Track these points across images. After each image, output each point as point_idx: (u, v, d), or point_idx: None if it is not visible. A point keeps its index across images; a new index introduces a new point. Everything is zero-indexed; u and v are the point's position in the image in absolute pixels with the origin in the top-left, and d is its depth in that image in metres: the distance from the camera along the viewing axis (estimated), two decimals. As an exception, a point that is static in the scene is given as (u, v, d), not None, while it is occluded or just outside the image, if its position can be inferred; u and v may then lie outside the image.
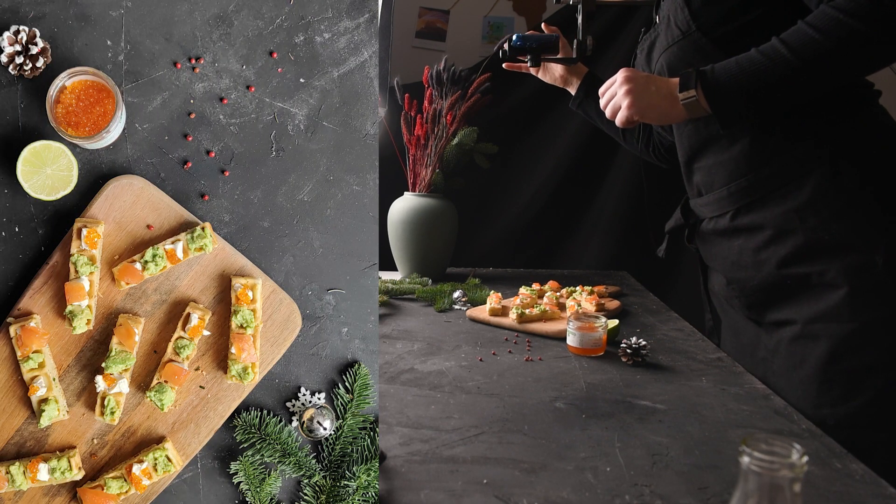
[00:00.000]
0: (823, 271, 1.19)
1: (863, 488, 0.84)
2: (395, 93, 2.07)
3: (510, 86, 2.48)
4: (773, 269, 1.26)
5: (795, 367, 1.22)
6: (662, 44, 1.35)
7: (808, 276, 1.21)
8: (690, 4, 1.26)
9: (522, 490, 0.83)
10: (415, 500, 0.81)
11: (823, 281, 1.19)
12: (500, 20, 2.60)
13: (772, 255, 1.25)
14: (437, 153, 2.01)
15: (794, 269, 1.23)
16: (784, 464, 0.54)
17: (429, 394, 1.14)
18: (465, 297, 1.79)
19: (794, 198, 1.21)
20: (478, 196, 2.52)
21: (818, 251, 1.20)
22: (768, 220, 1.25)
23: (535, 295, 1.73)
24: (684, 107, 1.20)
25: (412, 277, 1.97)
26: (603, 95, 1.33)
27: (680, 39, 1.29)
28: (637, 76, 1.26)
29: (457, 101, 2.00)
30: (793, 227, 1.22)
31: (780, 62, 1.11)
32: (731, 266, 1.35)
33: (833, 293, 1.18)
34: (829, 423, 1.14)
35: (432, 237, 2.01)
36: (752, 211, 1.28)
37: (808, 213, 1.20)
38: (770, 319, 1.31)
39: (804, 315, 1.22)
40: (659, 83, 1.25)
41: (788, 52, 1.10)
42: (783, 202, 1.23)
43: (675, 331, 1.56)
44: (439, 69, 2.02)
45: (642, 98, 1.24)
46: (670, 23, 1.31)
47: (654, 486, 0.84)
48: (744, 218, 1.29)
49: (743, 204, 1.29)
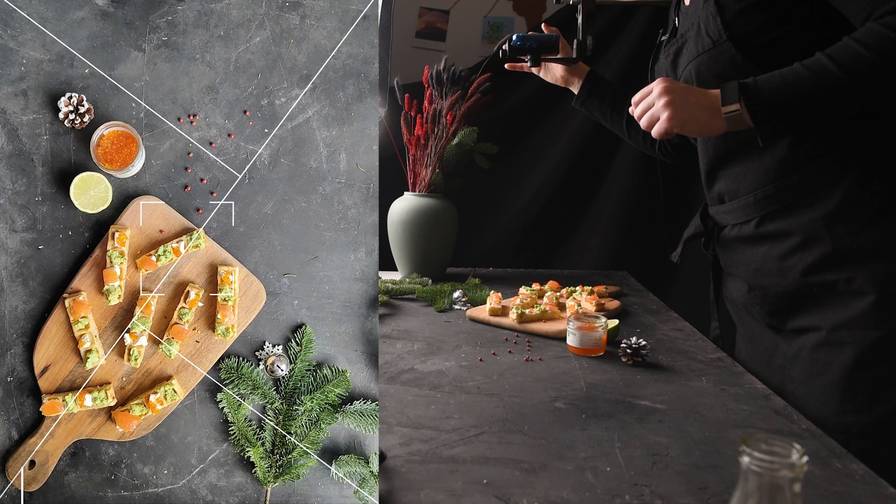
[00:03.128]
0: (850, 279, 1.17)
1: (863, 488, 0.84)
2: (395, 93, 2.06)
3: (510, 86, 2.47)
4: (799, 276, 1.23)
5: (818, 374, 1.20)
6: (691, 51, 1.32)
7: (834, 283, 1.19)
8: (724, 13, 1.23)
9: (522, 490, 0.83)
10: (415, 500, 0.81)
11: (850, 288, 1.17)
12: (500, 20, 2.60)
13: (798, 263, 1.23)
14: (437, 153, 2.01)
15: (820, 277, 1.21)
16: (784, 464, 0.54)
17: (429, 394, 1.14)
18: (465, 297, 1.78)
19: (823, 205, 1.19)
20: (478, 196, 2.50)
21: (846, 259, 1.17)
22: (795, 227, 1.23)
23: (535, 295, 1.72)
24: (726, 120, 1.16)
25: (412, 277, 1.96)
26: (637, 105, 1.28)
27: (710, 48, 1.25)
28: (676, 87, 1.21)
29: (457, 101, 1.99)
30: (820, 235, 1.19)
31: (826, 77, 1.08)
32: (754, 273, 1.33)
33: (860, 300, 1.16)
34: (853, 430, 1.13)
35: (432, 237, 2.00)
36: (777, 218, 1.26)
37: (837, 220, 1.18)
38: (791, 327, 1.28)
39: (829, 322, 1.20)
40: (698, 95, 1.20)
41: (836, 67, 1.07)
42: (811, 210, 1.20)
43: (675, 331, 1.56)
44: (439, 69, 2.01)
45: (683, 110, 1.19)
46: (700, 31, 1.28)
47: (654, 486, 0.84)
48: (769, 225, 1.27)
49: (769, 211, 1.26)
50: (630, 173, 2.50)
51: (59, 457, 0.94)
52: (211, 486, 0.97)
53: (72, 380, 0.95)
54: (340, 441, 0.99)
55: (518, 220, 2.59)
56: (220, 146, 0.97)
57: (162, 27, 0.95)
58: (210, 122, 0.97)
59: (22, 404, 0.94)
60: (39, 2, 0.93)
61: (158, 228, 0.95)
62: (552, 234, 2.59)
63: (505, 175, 2.52)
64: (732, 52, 1.22)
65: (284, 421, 0.97)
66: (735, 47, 1.22)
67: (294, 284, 0.99)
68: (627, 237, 2.52)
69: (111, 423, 0.95)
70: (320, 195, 0.98)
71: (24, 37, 0.93)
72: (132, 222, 0.95)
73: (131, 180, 0.96)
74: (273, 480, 0.96)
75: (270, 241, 0.98)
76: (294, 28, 0.98)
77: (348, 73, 0.98)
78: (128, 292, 0.95)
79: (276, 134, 0.98)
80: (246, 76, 0.97)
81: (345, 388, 0.98)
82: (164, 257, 0.93)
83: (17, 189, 0.93)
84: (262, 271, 0.98)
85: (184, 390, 0.96)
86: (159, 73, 0.96)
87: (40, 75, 0.93)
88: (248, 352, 0.98)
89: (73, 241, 0.95)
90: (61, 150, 0.94)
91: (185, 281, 0.96)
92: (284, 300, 0.98)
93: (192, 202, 0.97)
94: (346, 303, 0.99)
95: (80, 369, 0.94)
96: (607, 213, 2.55)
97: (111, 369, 0.95)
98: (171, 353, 0.94)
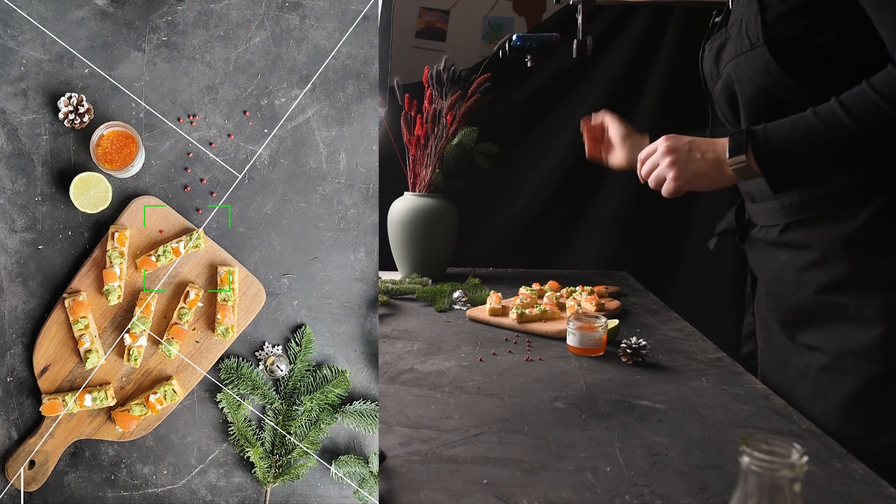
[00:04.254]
0: (862, 306, 1.13)
1: (863, 488, 0.84)
2: (395, 93, 2.06)
3: (510, 86, 2.47)
4: (812, 292, 1.20)
5: (820, 397, 1.18)
6: (731, 51, 1.26)
7: (845, 307, 1.15)
8: (766, 13, 1.16)
9: (522, 490, 0.83)
10: (415, 500, 0.81)
11: (861, 316, 1.13)
12: (500, 20, 2.60)
13: (813, 279, 1.20)
14: (437, 153, 2.00)
15: (832, 297, 1.17)
16: (784, 464, 0.54)
17: (429, 394, 1.14)
18: (465, 297, 1.78)
19: (847, 225, 1.15)
20: (478, 196, 2.50)
21: (860, 284, 1.14)
22: (816, 241, 1.19)
23: (535, 295, 1.72)
24: (734, 171, 1.14)
25: (412, 277, 1.96)
26: (643, 164, 1.27)
27: (748, 51, 1.20)
28: (679, 144, 1.19)
29: (457, 101, 1.99)
30: (839, 255, 1.16)
31: (838, 128, 1.05)
32: (773, 279, 1.31)
33: (868, 331, 1.12)
34: None
35: (432, 237, 2.00)
36: (801, 228, 1.22)
37: (858, 243, 1.14)
38: (801, 341, 1.25)
39: (835, 347, 1.17)
40: (704, 148, 1.18)
41: (848, 118, 1.04)
42: (834, 227, 1.16)
43: (675, 331, 1.56)
44: (439, 69, 2.01)
45: (688, 168, 1.18)
46: (742, 28, 1.22)
47: (654, 486, 0.84)
48: (793, 234, 1.24)
49: (794, 220, 1.23)
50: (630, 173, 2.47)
51: (59, 457, 0.94)
52: (210, 486, 0.97)
53: (71, 380, 0.94)
54: (340, 441, 0.98)
55: (518, 220, 2.59)
56: (219, 146, 0.97)
57: (162, 27, 0.95)
58: (210, 122, 0.96)
59: (22, 404, 0.94)
60: (39, 2, 0.93)
61: (158, 228, 0.95)
62: (552, 234, 2.59)
63: (505, 175, 2.52)
64: (767, 58, 1.16)
65: (284, 421, 0.97)
66: (770, 52, 1.16)
67: (294, 285, 0.98)
68: (627, 237, 2.52)
69: (111, 424, 0.94)
70: (320, 195, 0.98)
71: (23, 37, 0.92)
72: (132, 222, 0.94)
73: (131, 180, 0.95)
74: (273, 481, 0.96)
75: (270, 242, 0.98)
76: (294, 28, 0.97)
77: (348, 74, 0.98)
78: (127, 293, 0.95)
79: (275, 134, 0.97)
80: (246, 76, 0.97)
81: (344, 389, 0.98)
82: (163, 257, 0.93)
83: (17, 189, 0.93)
84: (262, 271, 0.98)
85: (183, 390, 0.96)
86: (159, 73, 0.95)
87: (40, 75, 0.93)
88: (247, 352, 0.98)
89: (72, 242, 0.94)
90: (61, 150, 0.94)
91: (185, 281, 0.96)
92: (284, 300, 0.98)
93: (192, 202, 0.96)
94: (346, 303, 0.99)
95: (80, 369, 0.94)
96: (607, 213, 2.55)
97: (111, 369, 0.95)
98: (171, 354, 0.94)
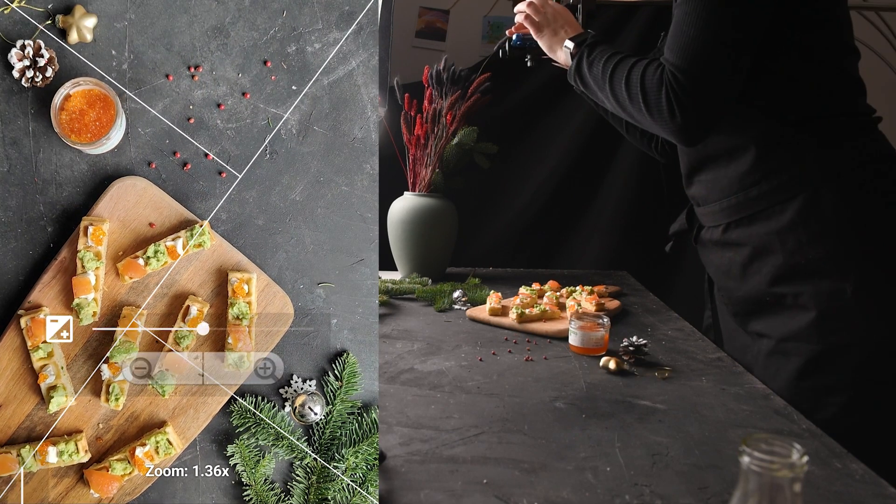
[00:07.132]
0: (797, 294, 1.24)
1: (863, 488, 0.84)
2: (395, 93, 2.06)
3: (510, 86, 2.47)
4: (756, 285, 1.31)
5: (770, 379, 1.27)
6: None
7: (784, 296, 1.27)
8: None
9: (522, 490, 0.83)
10: (415, 500, 0.81)
11: (797, 303, 1.25)
12: (500, 20, 2.60)
13: (755, 272, 1.31)
14: (437, 153, 2.01)
15: (773, 288, 1.28)
16: (784, 464, 0.54)
17: (429, 394, 1.14)
18: (465, 297, 1.79)
19: (777, 220, 1.25)
20: (478, 196, 2.51)
21: (794, 274, 1.24)
22: (754, 238, 1.30)
23: (535, 295, 1.73)
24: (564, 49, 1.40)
25: (412, 277, 1.97)
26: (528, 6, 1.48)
27: None
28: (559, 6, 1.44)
29: (457, 100, 1.99)
30: (774, 249, 1.26)
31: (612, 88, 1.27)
32: (722, 275, 1.41)
33: (804, 315, 1.23)
34: None
35: (432, 237, 2.00)
36: (740, 227, 1.32)
37: (788, 236, 1.24)
38: (752, 329, 1.36)
39: (778, 332, 1.28)
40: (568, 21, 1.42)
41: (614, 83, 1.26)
42: (767, 223, 1.27)
43: (675, 331, 1.56)
44: (439, 69, 2.01)
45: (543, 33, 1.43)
46: None
47: (654, 486, 0.84)
48: (733, 233, 1.34)
49: (734, 220, 1.33)
50: (630, 173, 2.50)
51: (14, 535, 0.73)
52: (221, 572, 0.76)
53: (30, 427, 0.73)
54: (341, 441, 0.95)
55: (518, 220, 2.59)
56: (231, 109, 0.75)
57: None
58: (218, 76, 0.75)
59: (-39, 460, 0.72)
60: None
61: (148, 221, 0.74)
62: (552, 234, 2.60)
63: (505, 175, 2.53)
64: None
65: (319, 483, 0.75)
66: None
67: (332, 297, 0.76)
68: (627, 237, 2.53)
69: (83, 486, 0.73)
70: (367, 175, 0.76)
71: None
72: (111, 213, 0.72)
73: (110, 156, 0.73)
74: None
75: (300, 239, 0.77)
76: None
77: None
78: (106, 308, 0.73)
79: (307, 92, 0.75)
80: (267, 14, 0.74)
81: None
82: (155, 260, 0.71)
83: (-48, 169, 0.71)
84: (289, 279, 0.77)
85: (182, 441, 0.75)
86: (148, 9, 0.73)
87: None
88: (269, 389, 0.77)
89: (30, 239, 0.72)
90: (14, 115, 0.71)
91: (184, 292, 0.74)
92: (319, 319, 0.77)
93: (195, 185, 0.75)
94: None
95: (42, 413, 0.73)
96: (607, 213, 2.55)
97: (83, 413, 0.74)
98: (165, 392, 0.73)
